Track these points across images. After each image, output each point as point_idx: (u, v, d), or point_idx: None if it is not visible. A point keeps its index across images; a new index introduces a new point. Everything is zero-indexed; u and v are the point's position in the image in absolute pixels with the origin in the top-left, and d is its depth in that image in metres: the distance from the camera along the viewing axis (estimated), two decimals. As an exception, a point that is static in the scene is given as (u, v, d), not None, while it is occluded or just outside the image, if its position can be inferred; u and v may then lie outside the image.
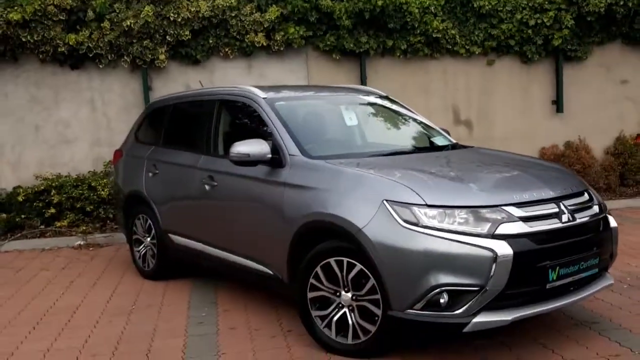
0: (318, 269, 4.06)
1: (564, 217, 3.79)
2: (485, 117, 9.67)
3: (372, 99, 5.64)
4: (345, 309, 4.00)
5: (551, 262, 3.64)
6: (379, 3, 8.47)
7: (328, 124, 5.21)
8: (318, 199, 4.11)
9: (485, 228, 3.54)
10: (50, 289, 6.05)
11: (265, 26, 8.73)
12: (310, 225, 4.14)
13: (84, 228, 8.38)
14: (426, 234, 3.55)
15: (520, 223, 3.61)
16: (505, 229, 3.55)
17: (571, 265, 3.76)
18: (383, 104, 5.63)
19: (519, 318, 3.60)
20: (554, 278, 3.68)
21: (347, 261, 3.91)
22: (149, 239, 6.15)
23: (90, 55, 8.50)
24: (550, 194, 3.87)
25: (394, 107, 5.64)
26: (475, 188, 3.80)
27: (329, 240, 4.05)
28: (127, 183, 6.45)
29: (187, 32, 8.57)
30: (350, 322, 3.97)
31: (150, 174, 6.02)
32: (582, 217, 3.91)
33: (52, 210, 8.48)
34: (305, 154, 4.43)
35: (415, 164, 4.35)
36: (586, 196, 4.13)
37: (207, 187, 5.17)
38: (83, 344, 4.51)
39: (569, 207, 3.86)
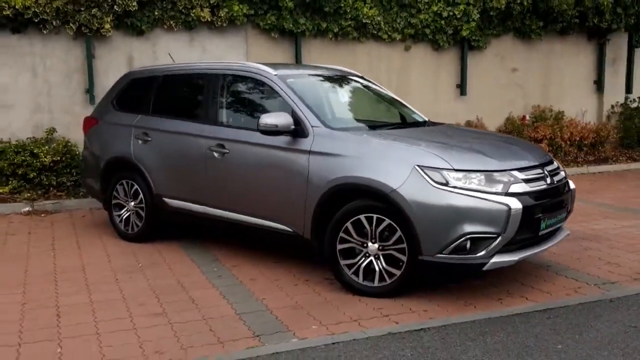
0: (348, 224, 4.78)
1: (548, 180, 4.83)
2: (403, 96, 10.61)
3: (354, 78, 6.37)
4: (372, 258, 4.76)
5: (542, 215, 4.66)
6: (321, -12, 9.17)
7: (330, 100, 5.87)
8: (347, 164, 4.81)
9: (499, 188, 4.48)
10: (35, 252, 6.17)
11: (210, 2, 9.08)
12: (339, 187, 4.83)
13: (28, 195, 8.33)
14: (454, 192, 4.41)
15: (523, 184, 4.59)
16: (515, 188, 4.52)
17: (553, 217, 4.82)
18: (364, 83, 6.39)
19: (522, 258, 4.61)
20: (544, 227, 4.72)
21: (377, 217, 4.68)
22: (132, 203, 6.46)
23: (36, 20, 8.37)
24: (536, 161, 4.90)
25: (372, 86, 6.43)
26: (486, 156, 4.73)
27: (358, 199, 4.78)
28: (108, 149, 6.66)
29: (134, 3, 8.69)
30: (376, 268, 4.74)
31: (140, 141, 6.33)
32: (557, 180, 4.98)
33: (-7, 176, 8.33)
34: (326, 126, 5.10)
35: (423, 135, 5.20)
36: (555, 164, 5.22)
37: (215, 154, 5.64)
38: (121, 296, 4.87)
39: (548, 172, 4.91)
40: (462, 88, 11.08)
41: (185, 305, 4.70)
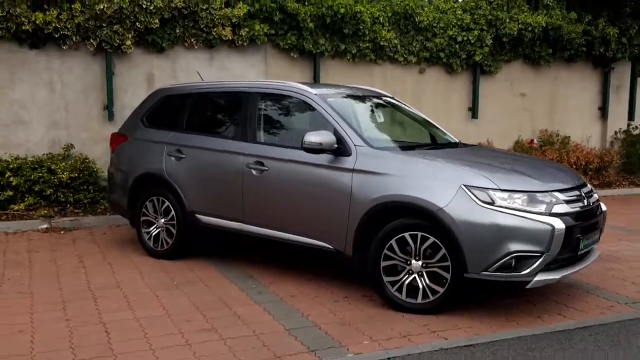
0: (393, 241, 4.88)
1: (585, 201, 4.96)
2: (416, 118, 10.90)
3: (385, 99, 6.51)
4: (415, 275, 4.85)
5: (581, 235, 4.79)
6: (341, 11, 9.34)
7: (367, 120, 5.99)
8: (392, 183, 4.92)
9: (542, 208, 4.60)
10: (64, 269, 6.16)
11: (232, 21, 9.22)
12: (383, 205, 4.93)
13: (45, 212, 8.33)
14: (500, 212, 4.53)
15: (565, 205, 4.71)
16: (557, 209, 4.64)
17: (589, 238, 4.95)
18: (395, 103, 6.52)
19: (563, 277, 4.72)
20: (582, 247, 4.84)
21: (421, 235, 4.78)
22: (162, 220, 6.50)
23: (56, 35, 8.44)
24: (573, 183, 5.04)
25: (403, 107, 6.56)
26: (529, 177, 4.86)
27: (402, 218, 4.88)
28: (138, 166, 6.71)
29: (156, 20, 8.80)
30: (420, 285, 4.83)
31: (173, 158, 6.39)
32: (592, 202, 5.11)
33: (9, 193, 8.33)
34: (369, 145, 5.21)
35: (462, 156, 5.33)
36: (588, 186, 5.36)
37: (253, 171, 5.72)
38: (165, 313, 4.90)
39: (585, 194, 5.05)
40: (473, 111, 11.28)
41: (232, 321, 4.74)
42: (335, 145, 5.21)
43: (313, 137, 5.17)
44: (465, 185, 4.64)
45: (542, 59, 11.49)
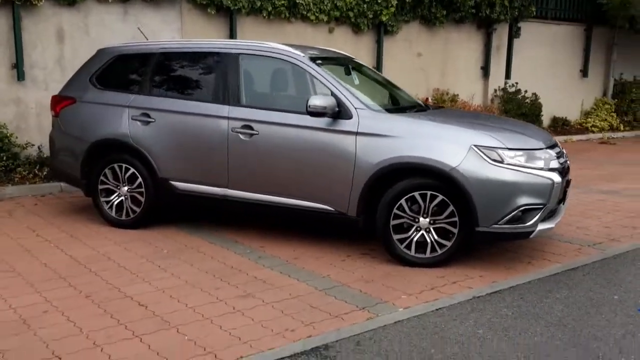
0: (402, 201, 5.13)
1: (564, 157, 5.54)
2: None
3: (355, 61, 6.62)
4: (422, 231, 5.16)
5: (565, 188, 5.36)
6: (261, -34, 9.20)
7: (349, 83, 6.07)
8: (400, 145, 5.13)
9: (541, 164, 5.08)
10: (30, 244, 5.71)
11: (150, -26, 8.71)
12: (392, 167, 5.13)
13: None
14: (510, 169, 4.94)
15: (556, 160, 5.24)
16: (553, 164, 5.16)
17: (565, 192, 5.54)
18: (362, 66, 6.66)
19: (555, 226, 5.27)
20: (563, 200, 5.42)
21: (430, 193, 5.07)
22: (126, 188, 6.19)
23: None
24: (552, 141, 5.59)
25: (368, 69, 6.73)
26: (526, 136, 5.32)
27: (409, 178, 5.13)
28: (94, 131, 6.27)
29: (70, -28, 8.09)
30: (428, 240, 5.15)
31: (139, 123, 6.06)
32: (566, 159, 5.71)
33: None
34: (369, 108, 5.36)
35: (457, 118, 5.68)
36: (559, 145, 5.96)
37: (241, 136, 5.63)
38: (184, 282, 4.77)
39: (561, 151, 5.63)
40: (377, 69, 11.67)
41: (260, 285, 4.75)
42: (337, 109, 5.28)
43: (318, 101, 5.20)
44: (475, 145, 4.98)
45: (438, 20, 12.15)
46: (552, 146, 5.43)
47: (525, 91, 13.86)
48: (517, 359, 3.61)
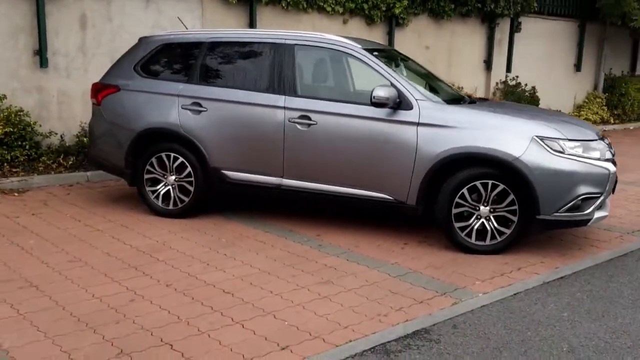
0: (464, 190, 5.26)
1: (612, 149, 5.73)
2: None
3: (400, 55, 6.71)
4: (483, 220, 5.30)
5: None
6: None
7: (404, 74, 6.17)
8: (463, 135, 5.24)
9: (598, 154, 5.26)
10: (82, 233, 5.69)
11: (175, -37, 8.66)
12: (455, 157, 5.25)
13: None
14: (570, 159, 5.11)
15: (609, 151, 5.43)
16: (607, 154, 5.34)
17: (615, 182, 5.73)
18: (407, 58, 6.76)
19: (608, 214, 5.47)
20: (613, 189, 5.62)
21: (492, 183, 5.21)
22: (173, 177, 6.19)
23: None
24: (599, 133, 5.78)
25: (414, 63, 6.81)
26: (581, 127, 5.48)
27: (471, 168, 5.25)
28: (141, 120, 6.24)
29: (98, -42, 8.00)
30: (488, 228, 5.30)
31: (190, 112, 6.07)
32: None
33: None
34: (429, 99, 5.47)
35: (514, 109, 5.84)
36: (604, 137, 6.16)
37: (298, 126, 5.69)
38: (258, 270, 4.82)
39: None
40: (386, 62, 11.79)
41: (334, 272, 4.83)
42: (398, 100, 5.38)
43: (382, 92, 5.29)
44: (537, 136, 5.13)
45: (446, 14, 12.31)
46: (601, 138, 5.61)
47: (526, 84, 14.13)
48: (611, 340, 3.76)
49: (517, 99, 13.70)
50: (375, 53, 5.79)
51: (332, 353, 3.51)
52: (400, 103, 5.41)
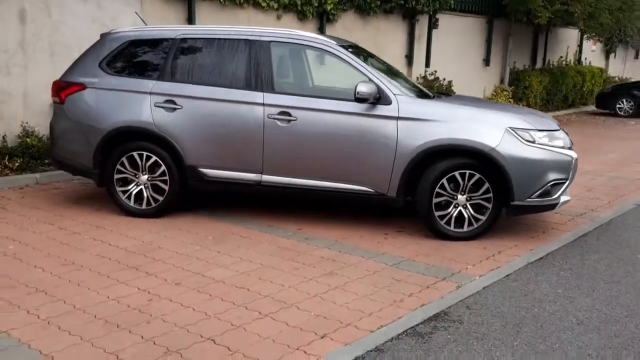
0: (444, 180, 5.57)
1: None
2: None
3: (364, 50, 6.90)
4: (460, 208, 5.65)
5: (572, 165, 6.09)
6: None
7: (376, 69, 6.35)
8: (441, 128, 5.55)
9: (562, 143, 5.74)
10: (60, 237, 5.50)
11: (118, -44, 8.42)
12: (435, 149, 5.54)
13: None
14: (540, 148, 5.54)
15: (568, 140, 5.92)
16: (568, 143, 5.83)
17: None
18: (371, 54, 6.96)
19: (570, 199, 5.97)
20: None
21: (469, 172, 5.56)
22: (146, 176, 6.10)
23: None
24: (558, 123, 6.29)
25: (375, 59, 7.02)
26: (545, 119, 5.94)
27: (449, 159, 5.57)
28: (110, 119, 6.07)
29: (39, -50, 7.64)
30: (465, 215, 5.65)
31: (164, 110, 5.99)
32: (566, 139, 6.44)
33: None
34: (406, 94, 5.73)
35: (482, 103, 6.22)
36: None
37: (278, 122, 5.78)
38: (260, 265, 4.89)
39: (562, 132, 6.35)
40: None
41: (333, 264, 4.98)
42: (378, 95, 5.60)
43: (364, 88, 5.49)
44: (510, 128, 5.52)
45: (371, 10, 12.68)
46: (562, 129, 6.11)
47: (444, 79, 14.80)
48: (608, 311, 4.17)
49: (436, 92, 14.33)
50: (351, 50, 5.97)
51: (370, 338, 3.68)
52: (379, 98, 5.62)
